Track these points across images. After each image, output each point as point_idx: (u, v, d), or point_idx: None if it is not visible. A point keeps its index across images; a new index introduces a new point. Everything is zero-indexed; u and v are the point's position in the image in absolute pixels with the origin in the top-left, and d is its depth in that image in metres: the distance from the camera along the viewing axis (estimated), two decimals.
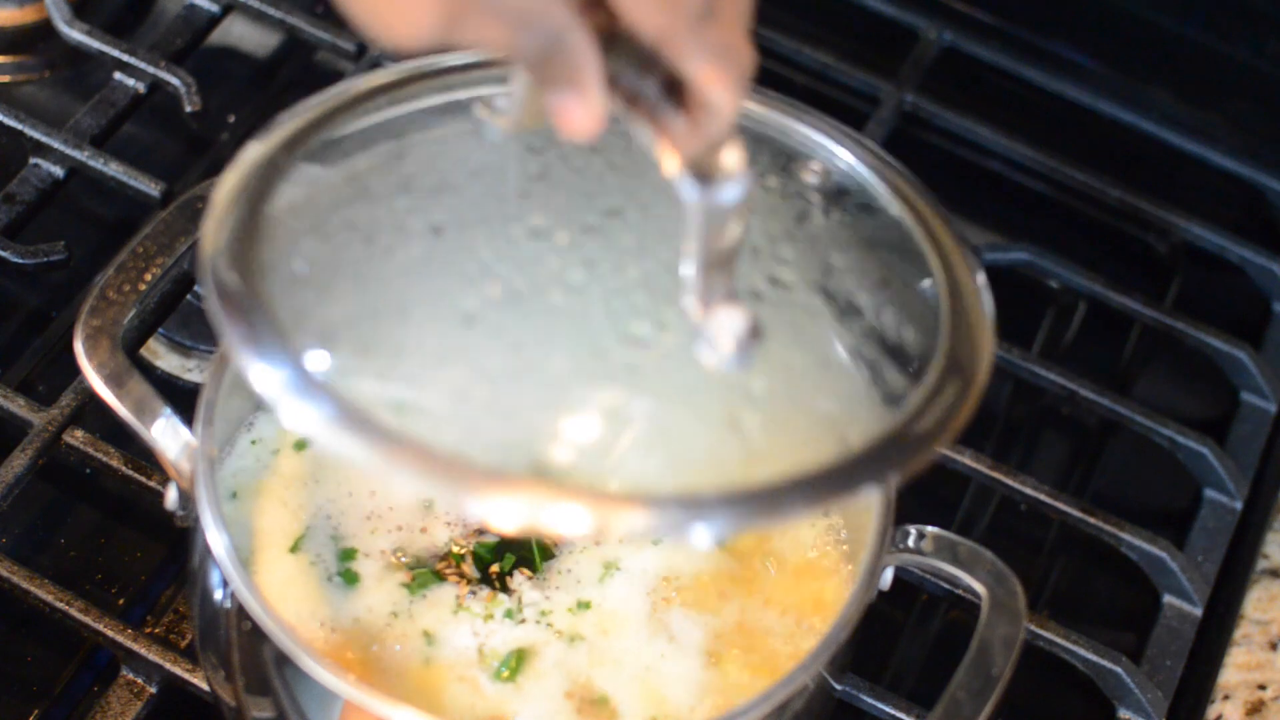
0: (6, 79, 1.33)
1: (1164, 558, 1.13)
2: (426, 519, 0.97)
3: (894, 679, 1.10)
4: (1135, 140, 1.40)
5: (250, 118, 1.34)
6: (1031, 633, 1.08)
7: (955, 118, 1.36)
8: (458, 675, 0.92)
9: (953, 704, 0.88)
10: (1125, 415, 1.21)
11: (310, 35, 1.32)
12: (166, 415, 0.92)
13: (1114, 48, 1.42)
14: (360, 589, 0.94)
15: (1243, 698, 1.11)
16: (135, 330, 1.12)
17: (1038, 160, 1.35)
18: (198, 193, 1.04)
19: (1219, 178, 1.40)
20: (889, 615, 1.12)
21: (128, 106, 1.26)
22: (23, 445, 1.07)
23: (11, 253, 1.16)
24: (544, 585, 0.96)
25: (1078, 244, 1.34)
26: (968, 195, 1.39)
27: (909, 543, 0.94)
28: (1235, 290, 1.34)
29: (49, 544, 1.10)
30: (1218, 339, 1.26)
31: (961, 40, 1.42)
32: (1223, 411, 1.26)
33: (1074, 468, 1.25)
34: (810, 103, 1.40)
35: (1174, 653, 1.11)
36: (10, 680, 1.05)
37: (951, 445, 1.14)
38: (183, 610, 1.07)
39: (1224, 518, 1.19)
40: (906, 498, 0.94)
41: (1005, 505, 1.20)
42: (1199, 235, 1.33)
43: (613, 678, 0.93)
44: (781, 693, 0.87)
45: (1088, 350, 1.31)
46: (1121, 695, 1.08)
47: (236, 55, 1.38)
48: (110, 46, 1.27)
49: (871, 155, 0.91)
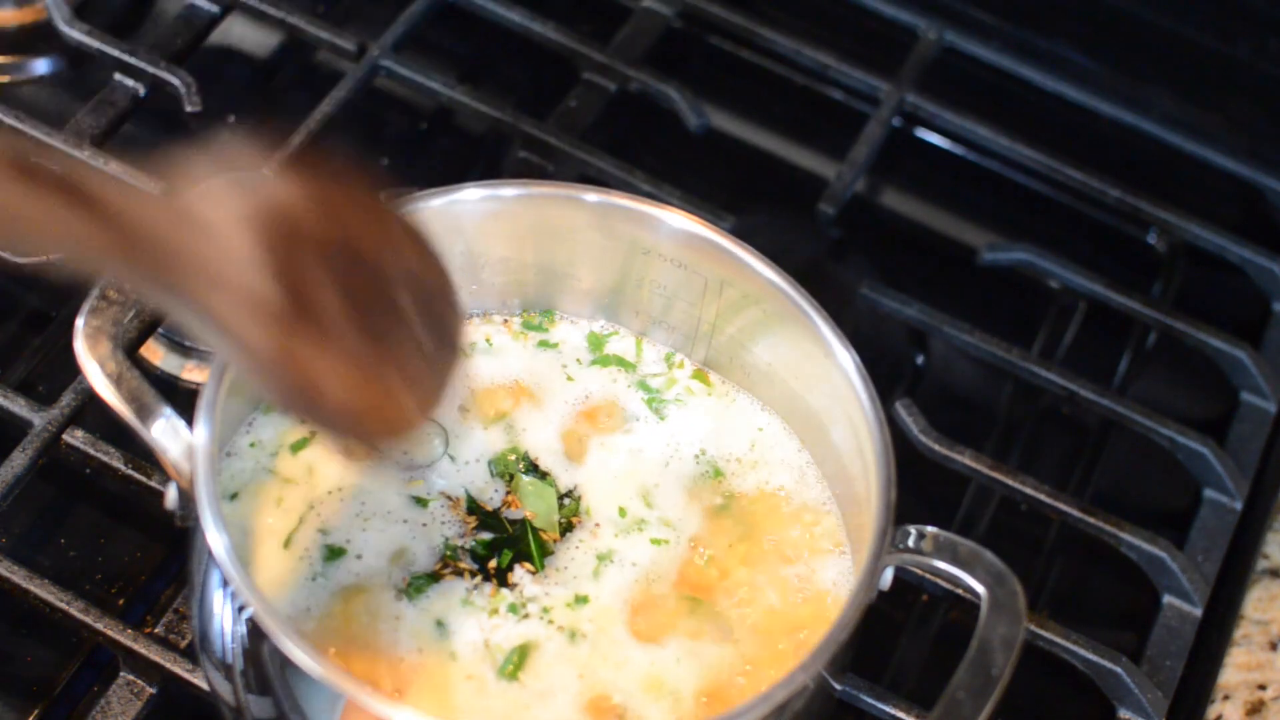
0: (6, 79, 1.33)
1: (1164, 558, 1.13)
2: (423, 516, 0.98)
3: (894, 679, 1.10)
4: (1135, 140, 1.40)
5: (250, 118, 1.34)
6: (1031, 633, 1.08)
7: (955, 118, 1.36)
8: (465, 674, 0.92)
9: (953, 704, 0.88)
10: (1125, 415, 1.21)
11: (310, 35, 1.32)
12: (166, 415, 0.92)
13: (1114, 48, 1.42)
14: (361, 589, 0.94)
15: (1243, 698, 1.11)
16: (135, 330, 1.12)
17: (1038, 160, 1.35)
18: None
19: (1219, 178, 1.40)
20: (889, 615, 1.12)
21: (128, 106, 1.26)
22: (23, 445, 1.07)
23: (11, 253, 1.16)
24: (544, 581, 0.96)
25: (1078, 244, 1.34)
26: (968, 195, 1.39)
27: (909, 543, 0.93)
28: (1235, 290, 1.34)
29: (49, 544, 1.10)
30: (1218, 339, 1.26)
31: (961, 40, 1.42)
32: (1223, 411, 1.26)
33: (1074, 468, 1.25)
34: (810, 103, 1.41)
35: (1174, 653, 1.11)
36: (10, 680, 1.05)
37: (951, 445, 1.15)
38: (183, 610, 1.07)
39: (1224, 518, 1.19)
40: (906, 498, 0.94)
41: (1005, 505, 1.20)
42: (1199, 235, 1.33)
43: (615, 674, 0.93)
44: (781, 693, 0.87)
45: (1088, 350, 1.31)
46: (1121, 695, 1.08)
47: (236, 55, 1.38)
48: (110, 46, 1.27)
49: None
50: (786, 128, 1.41)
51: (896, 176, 1.39)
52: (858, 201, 1.34)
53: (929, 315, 1.23)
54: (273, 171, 0.77)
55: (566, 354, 1.07)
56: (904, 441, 1.13)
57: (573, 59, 1.34)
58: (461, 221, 1.03)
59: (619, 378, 1.06)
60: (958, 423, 1.18)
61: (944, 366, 1.28)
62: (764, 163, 1.39)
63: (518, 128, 1.28)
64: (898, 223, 1.39)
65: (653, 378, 1.07)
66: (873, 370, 0.98)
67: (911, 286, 1.25)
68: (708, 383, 1.07)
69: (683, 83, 1.33)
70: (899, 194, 1.40)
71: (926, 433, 1.15)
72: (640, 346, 1.08)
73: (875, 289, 1.24)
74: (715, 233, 1.02)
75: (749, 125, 1.41)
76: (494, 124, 1.29)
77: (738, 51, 1.42)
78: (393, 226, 0.81)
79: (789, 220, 1.31)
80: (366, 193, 0.80)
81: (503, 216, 1.04)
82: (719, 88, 1.39)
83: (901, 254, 1.36)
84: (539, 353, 1.06)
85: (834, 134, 1.36)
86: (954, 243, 1.37)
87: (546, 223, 1.04)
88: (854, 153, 1.31)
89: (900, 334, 1.27)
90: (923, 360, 1.28)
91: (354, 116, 1.29)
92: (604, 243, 1.05)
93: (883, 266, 1.30)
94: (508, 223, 1.04)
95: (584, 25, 1.36)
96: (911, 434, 1.15)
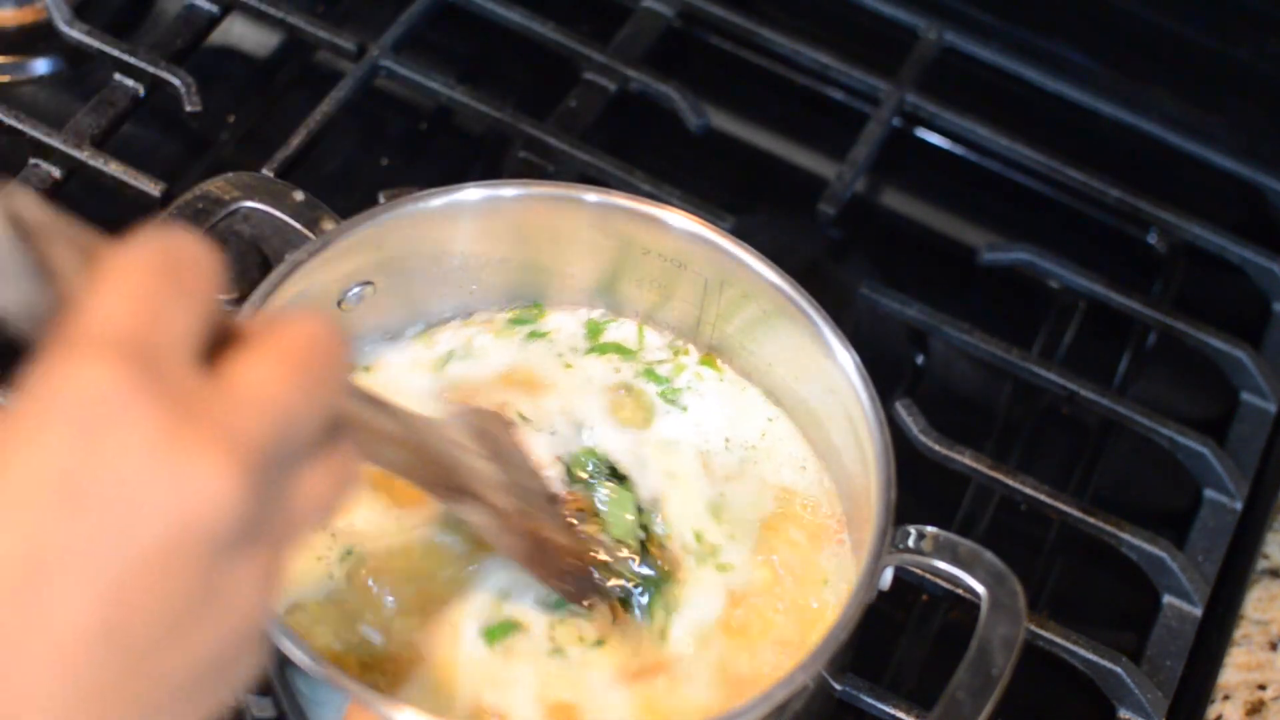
0: (6, 79, 1.33)
1: (1164, 558, 1.13)
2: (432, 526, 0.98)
3: (894, 679, 1.10)
4: (1135, 140, 1.40)
5: (250, 118, 1.34)
6: (1031, 633, 1.08)
7: (955, 118, 1.36)
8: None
9: (953, 704, 0.88)
10: (1125, 415, 1.21)
11: (310, 35, 1.32)
12: None
13: (1114, 48, 1.42)
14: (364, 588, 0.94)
15: (1243, 698, 1.11)
16: None
17: (1038, 160, 1.35)
18: (198, 193, 1.05)
19: (1219, 178, 1.40)
20: (889, 615, 1.12)
21: (128, 106, 1.26)
22: None
23: None
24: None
25: (1078, 244, 1.34)
26: (968, 195, 1.39)
27: (909, 543, 0.94)
28: (1235, 290, 1.34)
29: None
30: (1218, 339, 1.26)
31: (961, 40, 1.42)
32: (1223, 411, 1.25)
33: (1074, 468, 1.25)
34: (810, 103, 1.41)
35: (1174, 653, 1.11)
36: None
37: (951, 445, 1.15)
38: None
39: (1224, 518, 1.18)
40: (906, 498, 0.94)
41: (1005, 505, 1.20)
42: (1199, 235, 1.33)
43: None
44: (781, 693, 0.87)
45: (1088, 350, 1.31)
46: (1121, 695, 1.08)
47: (236, 55, 1.38)
48: (110, 46, 1.27)
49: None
50: (786, 128, 1.41)
51: (896, 176, 1.39)
52: (858, 201, 1.34)
53: (929, 315, 1.23)
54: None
55: (560, 343, 1.06)
56: (904, 441, 1.12)
57: (573, 59, 1.34)
58: (461, 221, 1.03)
59: (622, 367, 1.05)
60: (958, 423, 1.18)
61: (944, 366, 1.28)
62: (764, 163, 1.39)
63: (518, 128, 1.28)
64: (898, 223, 1.39)
65: (659, 365, 1.06)
66: (873, 370, 0.98)
67: (911, 286, 1.25)
68: (717, 368, 1.06)
69: (683, 83, 1.33)
70: (899, 194, 1.40)
71: (926, 433, 1.15)
72: (642, 333, 1.07)
73: (875, 289, 1.24)
74: (715, 233, 1.02)
75: (749, 125, 1.41)
76: (494, 124, 1.29)
77: (738, 51, 1.42)
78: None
79: (789, 220, 1.31)
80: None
81: (503, 216, 1.04)
82: (719, 88, 1.39)
83: (901, 254, 1.36)
84: (529, 344, 1.06)
85: (834, 134, 1.36)
86: (954, 243, 1.37)
87: (546, 223, 1.04)
88: (854, 153, 1.31)
89: (900, 334, 1.27)
90: (923, 360, 1.28)
91: (354, 116, 1.29)
92: (604, 243, 1.05)
93: (883, 266, 1.30)
94: (508, 223, 1.04)
95: (584, 25, 1.36)
96: (911, 434, 1.15)
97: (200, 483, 0.59)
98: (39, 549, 0.57)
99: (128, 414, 0.58)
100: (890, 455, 0.94)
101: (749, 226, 1.18)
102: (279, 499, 0.63)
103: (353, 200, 1.09)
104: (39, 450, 0.59)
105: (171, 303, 0.62)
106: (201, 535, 0.59)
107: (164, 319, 0.61)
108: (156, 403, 0.59)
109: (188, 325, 0.62)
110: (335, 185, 1.26)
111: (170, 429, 0.59)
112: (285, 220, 1.04)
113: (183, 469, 0.59)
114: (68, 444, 0.59)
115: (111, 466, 0.58)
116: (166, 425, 0.59)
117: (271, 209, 1.05)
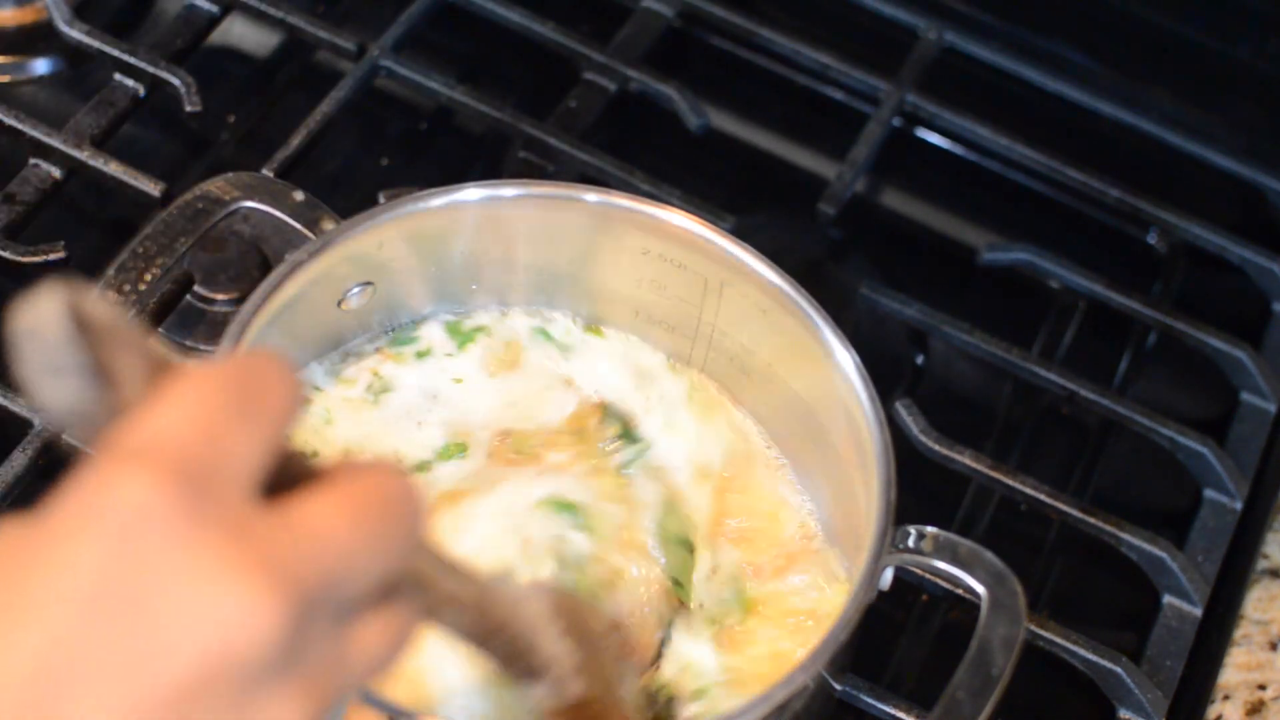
0: (6, 79, 1.33)
1: (1164, 558, 1.13)
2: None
3: (894, 679, 1.10)
4: (1135, 140, 1.40)
5: (250, 118, 1.34)
6: (1031, 633, 1.08)
7: (955, 118, 1.36)
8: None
9: (953, 704, 0.88)
10: (1125, 415, 1.21)
11: (310, 35, 1.32)
12: None
13: (1114, 48, 1.42)
14: None
15: (1243, 698, 1.11)
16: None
17: (1038, 160, 1.35)
18: (198, 193, 1.04)
19: (1219, 178, 1.40)
20: (889, 615, 1.12)
21: (128, 106, 1.26)
22: (23, 445, 1.07)
23: (11, 253, 1.16)
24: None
25: (1078, 244, 1.34)
26: (967, 195, 1.39)
27: (909, 543, 0.93)
28: (1235, 290, 1.34)
29: None
30: (1218, 339, 1.26)
31: (961, 40, 1.42)
32: (1223, 411, 1.25)
33: (1074, 468, 1.25)
34: (810, 103, 1.41)
35: (1174, 653, 1.11)
36: None
37: (951, 445, 1.15)
38: None
39: (1224, 518, 1.18)
40: (906, 498, 0.94)
41: (1005, 505, 1.20)
42: (1199, 235, 1.33)
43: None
44: (781, 693, 0.87)
45: (1088, 350, 1.31)
46: (1121, 695, 1.08)
47: (236, 55, 1.38)
48: (110, 46, 1.27)
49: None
50: (786, 128, 1.41)
51: (896, 176, 1.39)
52: (858, 201, 1.34)
53: (929, 315, 1.23)
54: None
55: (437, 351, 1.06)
56: (904, 441, 1.12)
57: (573, 59, 1.34)
58: (461, 221, 1.03)
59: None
60: (958, 423, 1.18)
61: (944, 366, 1.28)
62: (764, 163, 1.39)
63: (518, 128, 1.28)
64: (898, 223, 1.39)
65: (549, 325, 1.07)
66: (873, 370, 0.98)
67: (911, 286, 1.25)
68: (599, 333, 1.07)
69: (683, 83, 1.33)
70: (899, 194, 1.40)
71: (926, 433, 1.15)
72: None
73: (875, 289, 1.24)
74: (715, 233, 1.02)
75: (749, 125, 1.41)
76: (494, 124, 1.29)
77: (738, 51, 1.42)
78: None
79: (789, 220, 1.31)
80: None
81: (502, 216, 1.04)
82: (719, 88, 1.39)
83: (901, 254, 1.36)
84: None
85: (834, 134, 1.36)
86: (954, 243, 1.37)
87: (546, 223, 1.04)
88: (854, 153, 1.31)
89: (900, 334, 1.27)
90: (923, 360, 1.28)
91: (354, 116, 1.29)
92: (604, 243, 1.05)
93: (883, 266, 1.30)
94: (507, 223, 1.04)
95: (584, 25, 1.36)
96: (911, 434, 1.15)
97: (237, 608, 0.56)
98: (61, 654, 0.54)
99: (169, 530, 0.56)
100: (890, 455, 0.94)
101: (749, 226, 1.18)
102: (325, 642, 0.60)
103: (353, 200, 1.09)
104: (72, 553, 0.56)
105: (235, 426, 0.59)
106: (234, 663, 0.56)
107: (225, 441, 0.58)
108: (200, 522, 0.56)
109: (250, 451, 0.59)
110: (335, 185, 1.27)
111: (213, 549, 0.56)
112: (285, 220, 1.04)
113: (220, 591, 0.56)
114: (102, 551, 0.56)
115: (145, 580, 0.56)
116: (208, 545, 0.56)
117: (271, 209, 1.05)
